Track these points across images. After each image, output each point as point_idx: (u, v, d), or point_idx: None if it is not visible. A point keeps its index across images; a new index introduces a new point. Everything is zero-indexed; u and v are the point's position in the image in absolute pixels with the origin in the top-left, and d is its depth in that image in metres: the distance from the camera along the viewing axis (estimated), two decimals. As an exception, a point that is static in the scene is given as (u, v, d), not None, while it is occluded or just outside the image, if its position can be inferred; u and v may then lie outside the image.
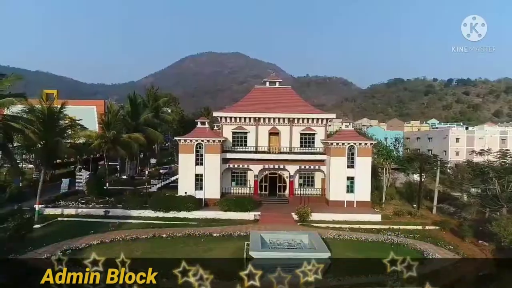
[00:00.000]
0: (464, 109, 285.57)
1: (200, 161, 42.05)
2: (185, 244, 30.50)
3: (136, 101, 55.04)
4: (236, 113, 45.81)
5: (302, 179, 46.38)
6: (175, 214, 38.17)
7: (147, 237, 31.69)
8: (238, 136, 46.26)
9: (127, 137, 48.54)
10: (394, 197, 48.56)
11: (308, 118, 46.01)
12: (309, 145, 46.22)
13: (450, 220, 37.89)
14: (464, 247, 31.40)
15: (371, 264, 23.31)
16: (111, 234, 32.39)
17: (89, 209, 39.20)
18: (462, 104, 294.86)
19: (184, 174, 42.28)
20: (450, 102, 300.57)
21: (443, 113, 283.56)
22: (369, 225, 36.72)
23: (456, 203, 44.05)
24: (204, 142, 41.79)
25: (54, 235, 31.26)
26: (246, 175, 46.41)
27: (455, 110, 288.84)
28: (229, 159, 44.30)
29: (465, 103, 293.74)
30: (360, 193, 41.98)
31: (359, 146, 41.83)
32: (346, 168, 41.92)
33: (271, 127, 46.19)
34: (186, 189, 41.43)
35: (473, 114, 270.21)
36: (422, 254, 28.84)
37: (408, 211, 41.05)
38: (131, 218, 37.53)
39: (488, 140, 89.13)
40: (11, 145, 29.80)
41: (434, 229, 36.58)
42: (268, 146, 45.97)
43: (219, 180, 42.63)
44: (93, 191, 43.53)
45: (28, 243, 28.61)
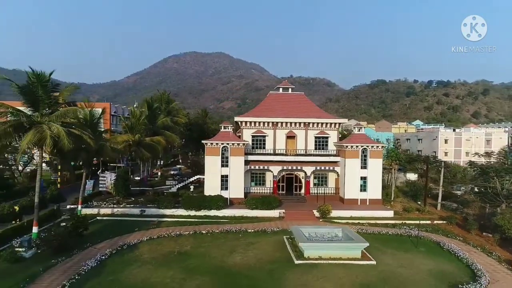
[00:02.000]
0: (445, 110, 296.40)
1: (225, 163, 45.11)
2: (225, 239, 33.50)
3: (153, 106, 57.39)
4: (255, 118, 49.13)
5: (317, 179, 50.08)
6: (206, 212, 41.09)
7: (189, 233, 34.53)
8: (257, 140, 49.61)
9: (150, 140, 50.97)
10: (398, 195, 52.78)
11: (322, 123, 49.74)
12: (323, 148, 49.96)
13: (455, 215, 42.22)
14: (472, 238, 35.65)
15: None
16: (154, 231, 35.14)
17: (124, 208, 41.62)
18: (443, 105, 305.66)
19: (210, 175, 45.20)
20: (431, 104, 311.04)
21: (425, 114, 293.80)
22: (384, 221, 40.73)
23: (458, 200, 48.62)
24: (229, 145, 44.89)
25: (103, 233, 33.76)
26: (265, 175, 49.73)
27: (436, 111, 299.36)
28: (249, 161, 47.45)
29: (445, 104, 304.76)
30: (372, 191, 45.97)
31: (371, 148, 45.78)
32: (359, 168, 45.81)
33: (287, 130, 49.72)
34: (212, 189, 44.38)
35: (453, 115, 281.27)
36: (438, 245, 32.81)
37: (416, 208, 45.32)
38: (165, 217, 40.23)
39: (474, 141, 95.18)
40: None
41: (442, 223, 40.87)
42: (285, 149, 49.47)
43: (243, 181, 45.75)
44: (120, 191, 45.75)
45: (85, 240, 31.15)
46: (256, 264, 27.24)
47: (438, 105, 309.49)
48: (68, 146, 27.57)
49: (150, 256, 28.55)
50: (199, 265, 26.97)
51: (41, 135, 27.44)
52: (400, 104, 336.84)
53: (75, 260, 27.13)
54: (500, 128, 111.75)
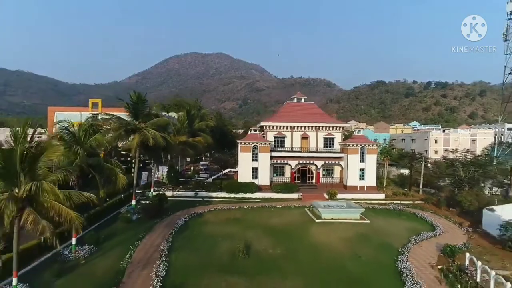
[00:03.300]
0: (442, 111, 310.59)
1: (255, 158, 59.34)
2: (263, 211, 47.75)
3: (190, 112, 71.22)
4: (277, 123, 63.57)
5: (325, 171, 64.42)
6: (242, 195, 55.27)
7: (235, 208, 48.76)
8: (278, 140, 63.96)
9: (192, 140, 64.89)
10: (390, 184, 67.01)
11: (329, 126, 64.08)
12: (330, 146, 64.32)
13: (431, 197, 56.47)
14: (440, 212, 49.96)
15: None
16: (209, 206, 49.31)
17: (180, 192, 55.90)
18: (441, 106, 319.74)
19: (243, 167, 59.50)
20: (429, 105, 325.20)
21: (423, 115, 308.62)
22: (377, 201, 55.02)
23: (436, 186, 63.00)
24: (259, 144, 59.17)
25: (174, 207, 47.80)
26: (284, 168, 63.99)
27: (434, 112, 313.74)
28: (273, 157, 61.66)
29: (443, 105, 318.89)
30: (369, 180, 60.30)
31: (368, 146, 60.07)
32: (359, 162, 60.10)
33: (302, 132, 64.05)
34: (245, 178, 58.64)
35: (450, 116, 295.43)
36: (414, 214, 47.11)
37: (403, 193, 59.60)
38: (212, 198, 54.44)
39: (461, 141, 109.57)
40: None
41: (421, 202, 55.11)
42: (300, 147, 63.79)
43: (268, 172, 60.05)
44: (172, 180, 59.86)
45: (166, 210, 45.21)
46: (289, 223, 41.51)
47: (436, 106, 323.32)
48: (162, 144, 41.70)
49: (215, 220, 42.69)
50: (250, 224, 41.08)
51: (144, 137, 41.56)
52: (399, 105, 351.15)
53: (167, 222, 41.25)
54: (485, 129, 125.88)
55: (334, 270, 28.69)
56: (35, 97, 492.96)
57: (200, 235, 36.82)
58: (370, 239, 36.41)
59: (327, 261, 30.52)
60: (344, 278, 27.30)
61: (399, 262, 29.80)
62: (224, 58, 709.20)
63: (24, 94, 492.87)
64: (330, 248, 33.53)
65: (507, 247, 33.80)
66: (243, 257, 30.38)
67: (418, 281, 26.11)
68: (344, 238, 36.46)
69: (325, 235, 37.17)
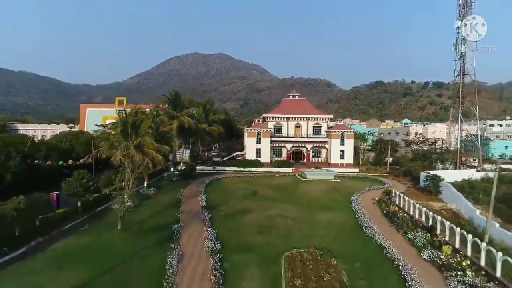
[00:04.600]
0: (437, 110, 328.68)
1: (259, 142, 77.99)
2: (266, 177, 66.35)
3: (206, 107, 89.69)
4: (276, 115, 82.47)
5: (314, 152, 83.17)
6: (249, 169, 73.81)
7: (245, 176, 67.38)
8: (277, 128, 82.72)
9: (209, 129, 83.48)
10: (366, 164, 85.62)
11: (317, 117, 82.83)
12: (318, 133, 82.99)
13: (394, 171, 75.01)
14: (397, 179, 68.47)
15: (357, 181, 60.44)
16: (225, 175, 67.94)
17: (202, 166, 74.51)
18: (436, 105, 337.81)
19: (249, 148, 78.34)
20: (425, 104, 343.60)
21: (418, 113, 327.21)
22: (353, 173, 73.54)
23: (400, 164, 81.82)
24: (262, 131, 77.91)
25: (200, 175, 66.39)
26: (281, 150, 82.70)
27: (429, 111, 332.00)
28: (272, 141, 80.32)
29: (438, 104, 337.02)
30: (347, 158, 79.02)
31: (346, 132, 78.73)
32: (339, 145, 78.67)
33: (296, 122, 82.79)
34: (251, 156, 77.26)
35: (444, 115, 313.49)
36: (376, 179, 65.74)
37: (374, 168, 78.25)
38: (226, 171, 73.06)
39: (438, 134, 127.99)
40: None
41: (386, 175, 73.59)
42: (294, 134, 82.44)
43: (269, 152, 78.82)
44: (194, 160, 78.51)
45: (194, 177, 63.80)
46: (285, 183, 60.27)
47: (431, 105, 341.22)
48: (194, 127, 60.31)
49: (231, 182, 61.40)
50: (256, 183, 59.72)
51: (181, 121, 60.18)
52: (396, 104, 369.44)
53: (197, 181, 59.91)
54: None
55: (311, 202, 47.49)
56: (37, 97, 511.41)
57: (223, 187, 55.76)
58: (338, 189, 55.12)
59: (308, 198, 49.39)
60: (318, 205, 46.01)
61: (352, 197, 48.49)
62: (225, 58, 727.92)
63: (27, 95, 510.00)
64: (311, 193, 52.33)
65: (427, 191, 52.33)
66: (253, 195, 49.14)
67: (360, 205, 44.76)
68: (321, 189, 55.14)
69: (308, 187, 55.99)
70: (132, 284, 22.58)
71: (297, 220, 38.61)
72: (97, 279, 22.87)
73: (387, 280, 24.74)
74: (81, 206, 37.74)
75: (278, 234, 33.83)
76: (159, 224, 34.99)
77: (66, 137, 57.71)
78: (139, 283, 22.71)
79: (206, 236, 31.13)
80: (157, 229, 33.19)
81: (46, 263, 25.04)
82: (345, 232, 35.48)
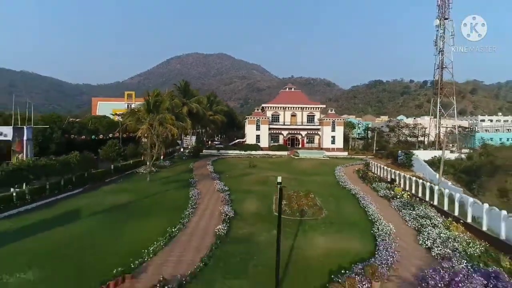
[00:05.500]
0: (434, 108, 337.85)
1: (258, 128, 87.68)
2: (264, 158, 76.00)
3: (210, 98, 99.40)
4: (274, 104, 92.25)
5: (308, 139, 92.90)
6: (249, 152, 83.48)
7: (247, 157, 77.00)
8: (274, 116, 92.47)
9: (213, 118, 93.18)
10: (355, 149, 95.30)
11: (311, 107, 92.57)
12: (311, 121, 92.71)
13: (379, 154, 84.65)
14: (380, 160, 78.08)
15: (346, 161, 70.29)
16: (228, 156, 77.61)
17: (208, 150, 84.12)
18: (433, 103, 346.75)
19: (250, 134, 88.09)
20: (422, 102, 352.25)
21: (415, 111, 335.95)
22: (342, 156, 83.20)
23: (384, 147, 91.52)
24: (261, 119, 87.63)
25: (206, 156, 76.01)
26: (278, 136, 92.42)
27: (426, 109, 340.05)
28: (270, 128, 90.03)
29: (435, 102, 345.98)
30: (337, 143, 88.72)
31: (337, 120, 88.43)
32: (331, 131, 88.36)
33: (291, 111, 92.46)
34: (251, 141, 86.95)
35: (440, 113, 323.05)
36: (362, 160, 75.40)
37: (361, 152, 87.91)
38: (229, 153, 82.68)
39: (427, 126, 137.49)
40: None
41: (372, 157, 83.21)
42: (290, 122, 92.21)
43: (267, 138, 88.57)
44: (199, 146, 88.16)
45: (200, 157, 73.45)
46: (281, 161, 70.15)
47: (428, 103, 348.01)
48: (201, 112, 70.04)
49: (233, 160, 71.25)
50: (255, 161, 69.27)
51: (190, 108, 69.90)
52: (394, 102, 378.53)
53: (205, 159, 69.66)
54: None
55: (302, 172, 57.24)
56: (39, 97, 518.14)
57: (227, 163, 65.89)
58: (326, 164, 64.93)
59: (299, 169, 59.21)
60: (307, 173, 55.69)
61: (336, 168, 58.20)
62: (225, 58, 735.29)
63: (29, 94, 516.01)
64: (302, 166, 62.20)
65: (402, 165, 62.02)
66: (252, 167, 58.84)
67: (342, 172, 54.48)
68: (311, 164, 64.92)
69: (300, 162, 65.82)
70: (167, 203, 32.30)
71: (288, 179, 48.26)
72: (140, 200, 32.81)
73: (350, 204, 34.38)
74: (113, 168, 47.58)
75: (272, 185, 43.49)
76: (179, 179, 44.88)
77: (92, 120, 67.53)
78: (172, 202, 32.40)
79: (217, 184, 40.91)
80: (178, 182, 43.11)
81: (101, 194, 35.21)
82: (326, 186, 45.13)
